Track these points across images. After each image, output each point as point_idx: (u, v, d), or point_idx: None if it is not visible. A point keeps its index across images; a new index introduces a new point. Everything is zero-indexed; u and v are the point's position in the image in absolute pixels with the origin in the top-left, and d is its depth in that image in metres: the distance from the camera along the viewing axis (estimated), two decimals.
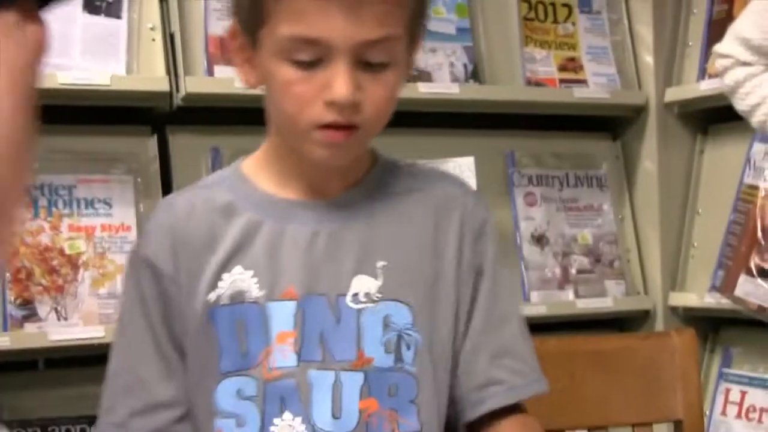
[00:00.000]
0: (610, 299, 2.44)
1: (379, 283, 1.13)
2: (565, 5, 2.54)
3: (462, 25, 2.40)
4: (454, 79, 2.35)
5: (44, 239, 1.98)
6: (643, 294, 2.52)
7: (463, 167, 2.30)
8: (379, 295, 1.13)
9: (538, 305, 2.35)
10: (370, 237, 1.14)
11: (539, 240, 2.43)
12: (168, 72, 2.06)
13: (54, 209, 2.00)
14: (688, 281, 2.48)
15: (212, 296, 1.12)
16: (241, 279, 1.12)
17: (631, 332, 2.49)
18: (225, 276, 1.12)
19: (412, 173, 1.21)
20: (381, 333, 1.12)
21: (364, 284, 1.13)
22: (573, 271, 2.44)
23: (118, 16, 2.08)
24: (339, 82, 1.04)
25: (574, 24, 2.54)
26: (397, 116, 2.31)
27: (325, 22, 1.03)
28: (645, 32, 2.55)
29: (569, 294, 2.41)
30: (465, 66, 2.37)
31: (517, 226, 2.42)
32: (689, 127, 2.53)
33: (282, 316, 1.11)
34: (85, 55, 2.03)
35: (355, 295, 1.12)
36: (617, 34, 2.57)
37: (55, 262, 1.98)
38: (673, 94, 2.48)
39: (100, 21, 2.06)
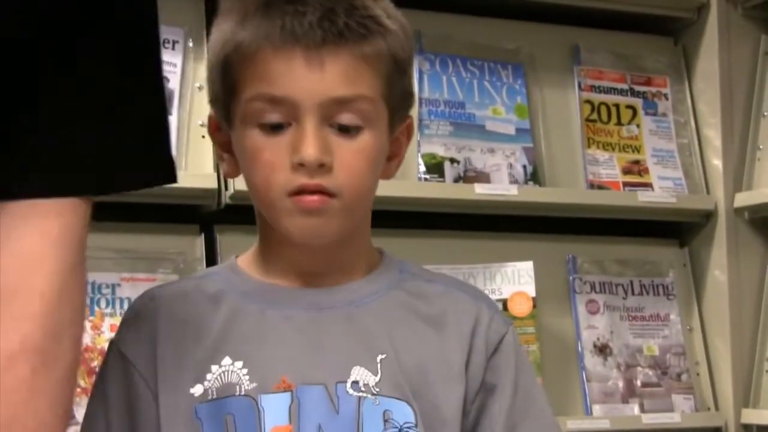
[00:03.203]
0: (678, 415, 2.33)
1: (377, 378, 1.06)
2: (629, 107, 2.49)
3: (521, 125, 2.35)
4: (513, 181, 2.29)
5: (84, 339, 1.93)
6: (713, 410, 2.40)
7: (522, 272, 2.25)
8: (377, 389, 1.06)
9: (600, 419, 2.25)
10: (371, 329, 1.08)
11: (602, 350, 2.34)
12: (216, 169, 2.02)
13: (96, 308, 1.95)
14: (763, 397, 2.37)
15: (197, 390, 1.06)
16: (230, 371, 1.06)
17: None
18: (213, 368, 1.06)
19: (426, 277, 1.16)
20: (381, 427, 1.05)
21: (362, 375, 1.06)
22: (638, 383, 2.35)
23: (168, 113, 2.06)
24: (305, 141, 1.02)
25: (638, 126, 2.48)
26: (453, 218, 2.31)
27: (289, 80, 1.02)
28: (713, 135, 2.48)
29: (634, 408, 2.32)
30: (524, 167, 2.32)
31: (578, 335, 2.33)
32: (761, 234, 2.44)
33: (276, 409, 1.04)
34: None
35: (356, 382, 1.06)
36: (684, 137, 2.51)
37: (94, 364, 1.91)
38: (743, 199, 2.41)
39: None
